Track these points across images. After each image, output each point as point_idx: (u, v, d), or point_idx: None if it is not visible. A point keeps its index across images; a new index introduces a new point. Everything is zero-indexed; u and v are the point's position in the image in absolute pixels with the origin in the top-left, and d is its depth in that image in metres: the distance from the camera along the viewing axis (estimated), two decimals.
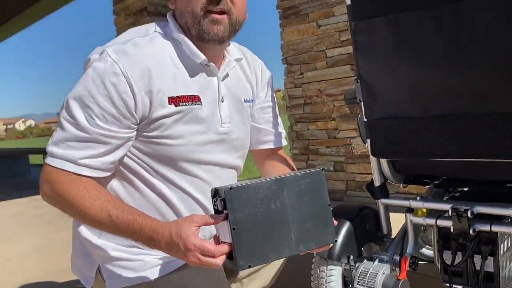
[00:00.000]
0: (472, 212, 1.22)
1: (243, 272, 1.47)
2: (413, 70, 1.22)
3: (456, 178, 1.45)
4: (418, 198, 1.37)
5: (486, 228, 1.24)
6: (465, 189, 1.58)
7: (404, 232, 1.46)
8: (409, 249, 1.41)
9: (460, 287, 1.32)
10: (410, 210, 1.40)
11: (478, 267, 1.28)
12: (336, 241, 1.10)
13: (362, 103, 1.34)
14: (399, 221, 1.53)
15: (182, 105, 1.11)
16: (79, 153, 1.05)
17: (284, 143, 1.44)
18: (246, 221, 0.93)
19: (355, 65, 1.34)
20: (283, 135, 1.44)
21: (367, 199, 1.51)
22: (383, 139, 1.34)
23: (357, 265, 1.37)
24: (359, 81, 1.33)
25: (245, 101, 1.29)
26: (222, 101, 1.20)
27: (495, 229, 1.23)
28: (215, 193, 0.96)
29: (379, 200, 1.46)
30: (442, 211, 1.33)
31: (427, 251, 2.03)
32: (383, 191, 1.46)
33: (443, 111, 1.20)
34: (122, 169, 1.15)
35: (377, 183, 1.45)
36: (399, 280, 1.32)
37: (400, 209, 1.43)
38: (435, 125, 1.22)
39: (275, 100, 1.43)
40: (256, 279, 1.49)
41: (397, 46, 1.22)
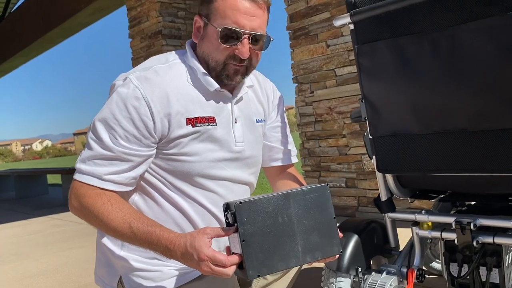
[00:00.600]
0: (475, 224, 1.27)
1: (256, 284, 1.52)
2: (414, 90, 1.28)
3: (459, 192, 1.49)
4: (423, 212, 1.42)
5: (489, 240, 1.28)
6: (471, 203, 1.63)
7: (411, 245, 1.50)
8: (416, 261, 1.45)
9: None
10: (416, 223, 1.45)
11: (484, 279, 1.32)
12: (341, 252, 1.14)
13: (367, 121, 1.41)
14: (408, 236, 1.57)
15: (198, 126, 1.21)
16: (104, 169, 1.14)
17: (294, 160, 1.51)
18: (255, 234, 1.00)
19: (359, 85, 1.41)
20: (294, 153, 1.51)
21: (379, 214, 1.56)
22: (387, 155, 1.40)
23: (366, 277, 1.42)
24: (363, 101, 1.40)
25: (257, 121, 1.38)
26: (235, 122, 1.29)
27: (498, 241, 1.27)
28: (227, 207, 1.03)
29: (386, 214, 1.52)
30: (446, 224, 1.38)
31: (437, 265, 2.06)
32: (390, 206, 1.51)
33: (443, 128, 1.26)
34: (143, 184, 1.24)
35: (384, 197, 1.50)
36: None
37: (409, 223, 1.48)
38: (436, 141, 1.28)
39: (286, 119, 1.51)
40: None
41: (398, 67, 1.29)
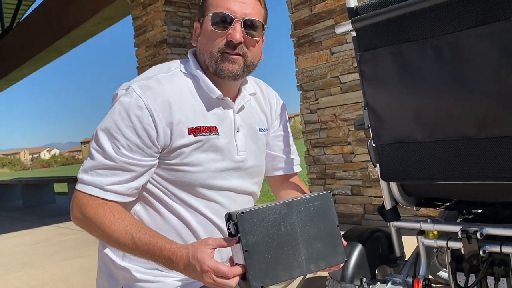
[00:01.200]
0: (481, 233, 1.25)
1: None
2: (417, 97, 1.26)
3: (465, 200, 1.47)
4: (428, 220, 1.40)
5: (496, 249, 1.25)
6: (478, 211, 1.60)
7: (416, 254, 1.48)
8: (421, 271, 1.43)
9: None
10: (421, 232, 1.43)
11: None
12: (346, 261, 1.13)
13: (370, 129, 1.40)
14: (413, 244, 1.55)
15: (200, 135, 1.19)
16: (106, 179, 1.13)
17: (297, 169, 1.50)
18: (257, 244, 0.99)
19: (362, 93, 1.40)
20: (297, 162, 1.49)
21: (384, 223, 1.54)
22: (391, 163, 1.38)
23: (370, 287, 1.39)
24: (366, 108, 1.39)
25: (260, 130, 1.37)
26: (238, 131, 1.28)
27: (506, 250, 1.24)
28: (229, 218, 1.02)
29: (391, 223, 1.50)
30: (452, 233, 1.35)
31: (444, 274, 2.03)
32: (394, 214, 1.49)
33: (447, 135, 1.24)
34: (145, 194, 1.23)
35: (388, 206, 1.48)
36: None
37: (414, 231, 1.46)
38: (440, 148, 1.26)
39: (289, 128, 1.50)
40: None
41: (400, 74, 1.28)
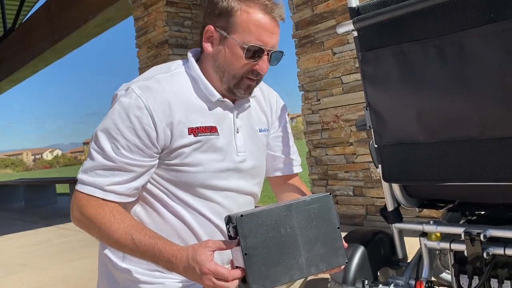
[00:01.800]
0: (484, 235, 1.23)
1: None
2: (419, 97, 1.25)
3: (468, 202, 1.45)
4: (431, 222, 1.38)
5: (500, 251, 1.24)
6: (482, 212, 1.58)
7: (419, 256, 1.46)
8: (424, 273, 1.41)
9: None
10: (424, 234, 1.41)
11: None
12: (347, 263, 1.12)
13: (372, 130, 1.38)
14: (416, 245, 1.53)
15: (200, 135, 1.19)
16: (106, 180, 1.13)
17: (297, 170, 1.49)
18: (257, 247, 0.98)
19: (364, 93, 1.38)
20: (297, 162, 1.48)
21: (386, 224, 1.53)
22: (393, 164, 1.36)
23: None
24: (368, 109, 1.37)
25: (260, 131, 1.36)
26: (237, 132, 1.27)
27: (510, 252, 1.23)
28: (228, 220, 1.01)
29: (393, 224, 1.48)
30: (455, 235, 1.34)
31: (447, 276, 2.01)
32: (397, 216, 1.47)
33: (450, 136, 1.22)
34: (145, 194, 1.22)
35: (390, 207, 1.47)
36: None
37: (417, 232, 1.44)
38: (443, 149, 1.25)
39: (289, 129, 1.49)
40: None
41: (402, 75, 1.26)
